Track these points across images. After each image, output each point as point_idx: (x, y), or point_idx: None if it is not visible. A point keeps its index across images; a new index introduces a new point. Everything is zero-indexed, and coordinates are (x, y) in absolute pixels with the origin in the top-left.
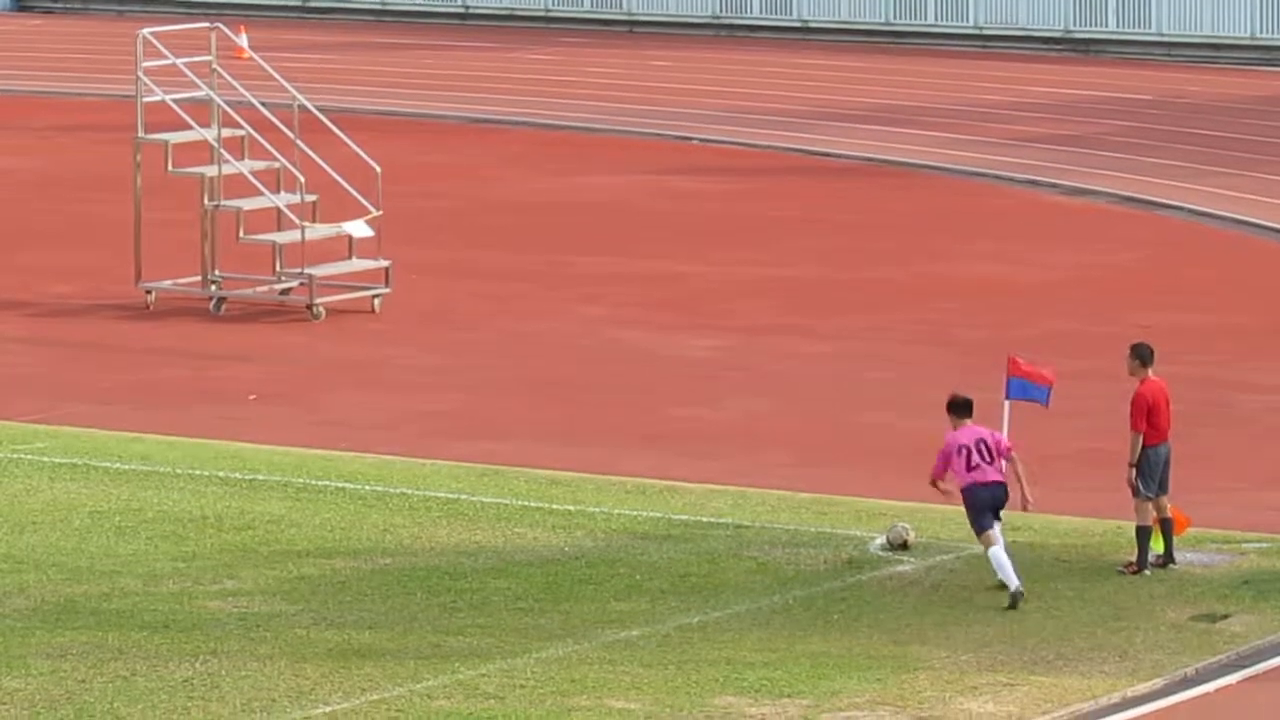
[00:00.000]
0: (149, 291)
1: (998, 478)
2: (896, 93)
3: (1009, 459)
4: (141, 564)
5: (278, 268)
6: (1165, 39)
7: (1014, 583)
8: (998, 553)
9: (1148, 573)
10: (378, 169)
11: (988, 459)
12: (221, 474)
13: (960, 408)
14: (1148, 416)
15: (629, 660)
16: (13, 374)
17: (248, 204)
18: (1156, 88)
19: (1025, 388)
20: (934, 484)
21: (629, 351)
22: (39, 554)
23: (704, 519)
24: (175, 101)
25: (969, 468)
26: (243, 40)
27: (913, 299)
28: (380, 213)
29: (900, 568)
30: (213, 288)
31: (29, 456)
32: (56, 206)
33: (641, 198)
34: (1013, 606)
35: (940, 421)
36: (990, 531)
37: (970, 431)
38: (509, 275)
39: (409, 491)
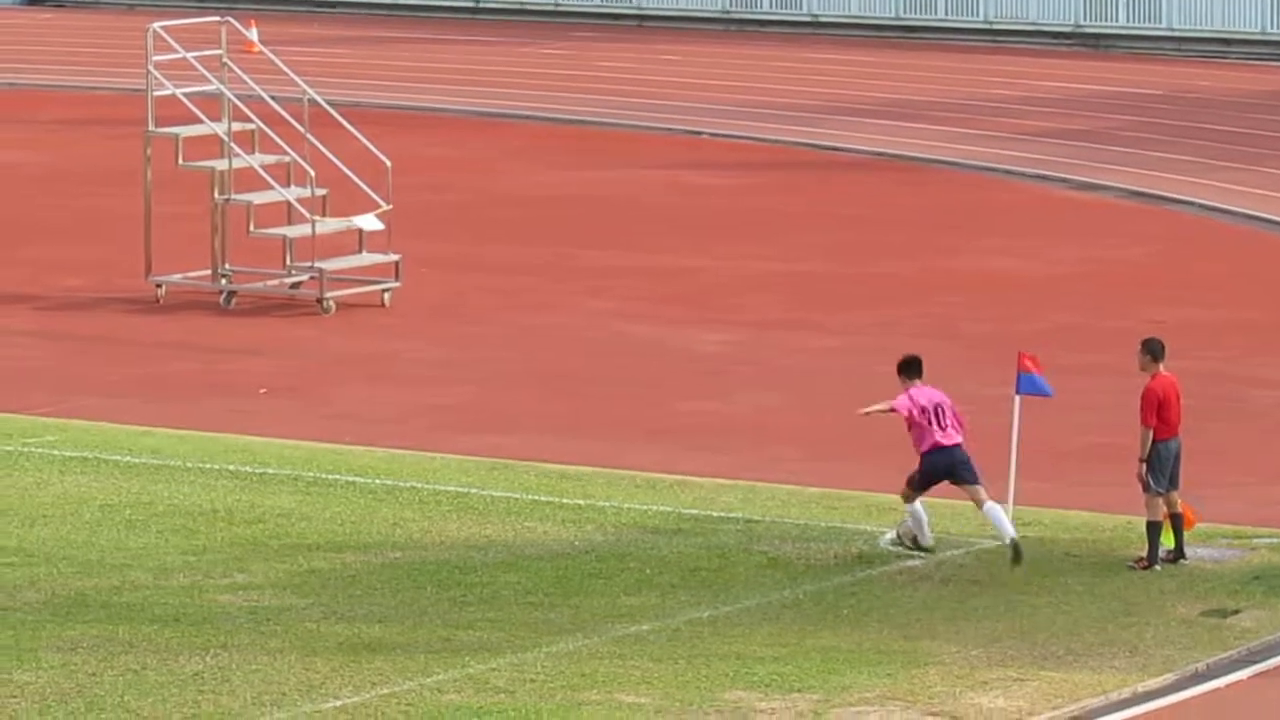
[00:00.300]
0: (159, 285)
1: (957, 440)
2: (906, 87)
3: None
4: (152, 557)
5: (288, 262)
6: (1175, 34)
7: (927, 539)
8: (918, 510)
9: (1158, 568)
10: (388, 163)
11: (945, 423)
12: (232, 468)
13: (912, 367)
14: (1158, 411)
15: (639, 655)
16: (23, 367)
17: (258, 198)
18: (1167, 83)
19: (1034, 382)
20: (884, 411)
21: (638, 345)
22: (50, 547)
23: (714, 513)
24: (186, 95)
25: (938, 426)
26: (253, 34)
27: (922, 293)
28: (390, 207)
29: (910, 562)
30: (223, 281)
31: (39, 450)
32: (66, 200)
33: (651, 192)
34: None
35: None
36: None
37: (926, 393)
38: (518, 269)
39: (419, 485)
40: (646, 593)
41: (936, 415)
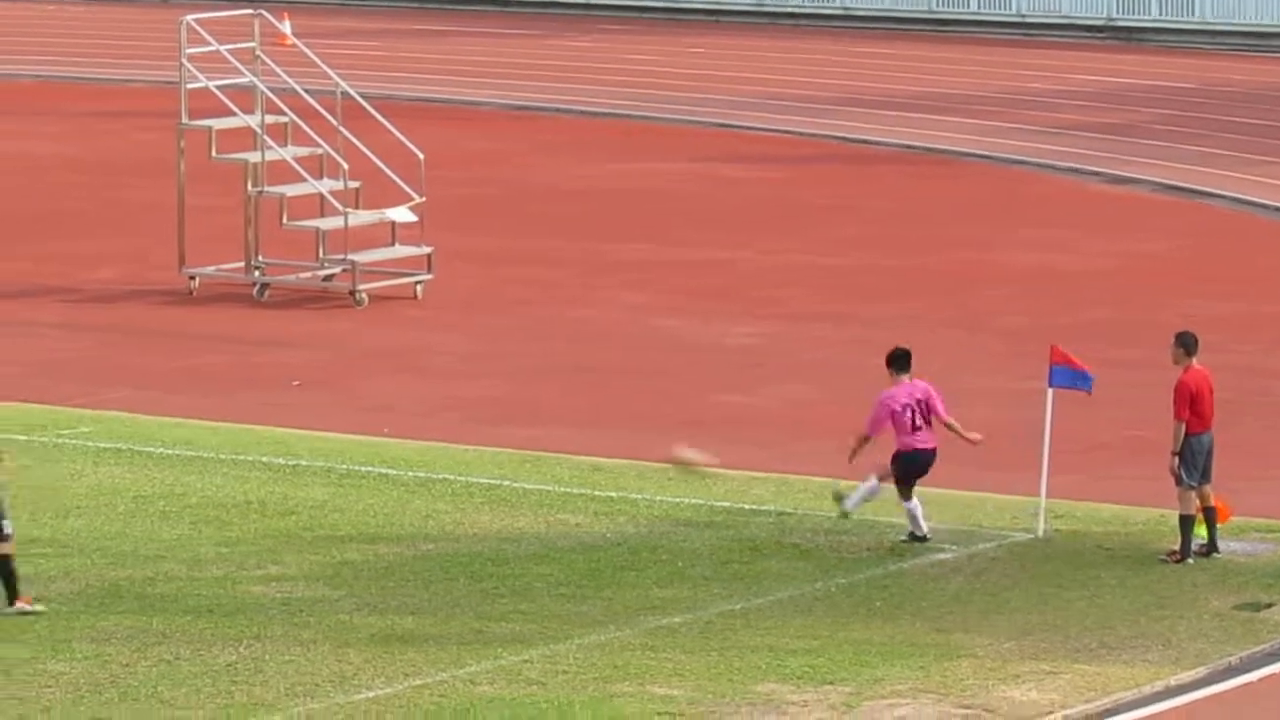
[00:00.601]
0: (192, 277)
1: (934, 444)
2: (939, 80)
3: (945, 421)
4: (185, 549)
5: (321, 254)
6: (1209, 27)
7: (923, 530)
8: (913, 506)
9: (1191, 561)
10: (421, 155)
11: (925, 422)
12: (265, 460)
13: (901, 360)
14: (1191, 405)
15: (671, 647)
16: (55, 359)
17: (291, 190)
18: (1200, 76)
19: (1068, 375)
20: (862, 440)
21: (670, 339)
22: (83, 538)
23: (746, 506)
24: (219, 88)
25: (912, 429)
26: (286, 27)
27: (954, 286)
28: (423, 199)
29: (942, 555)
30: (256, 274)
31: (73, 441)
32: (98, 192)
33: (683, 185)
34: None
35: (980, 408)
36: (911, 498)
37: (907, 390)
38: (551, 262)
39: (451, 477)
40: (678, 585)
41: (916, 413)
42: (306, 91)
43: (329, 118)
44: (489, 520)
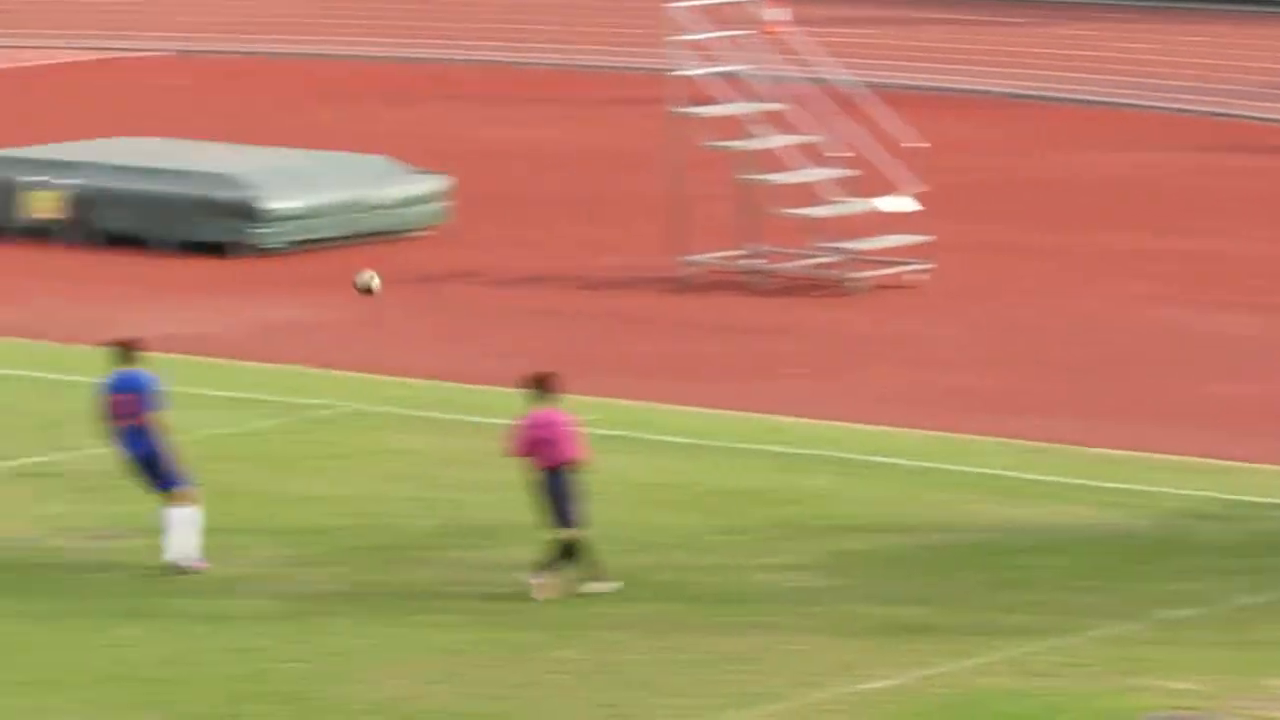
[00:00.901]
0: (690, 265)
1: None
2: None
3: None
4: (691, 537)
5: (816, 243)
6: None
7: None
8: None
9: None
10: (921, 144)
11: None
12: (767, 448)
13: None
14: None
15: (1185, 640)
16: (556, 346)
17: (786, 178)
18: None
19: None
20: None
21: (1170, 328)
22: (596, 526)
23: (1259, 499)
24: (710, 75)
25: None
26: (778, 14)
27: None
28: (923, 188)
29: None
30: (752, 262)
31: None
32: (599, 179)
33: (1180, 175)
34: None
35: None
36: None
37: None
38: (1049, 252)
39: (953, 467)
40: (1191, 578)
41: None
42: (805, 79)
43: (824, 105)
44: (994, 511)
